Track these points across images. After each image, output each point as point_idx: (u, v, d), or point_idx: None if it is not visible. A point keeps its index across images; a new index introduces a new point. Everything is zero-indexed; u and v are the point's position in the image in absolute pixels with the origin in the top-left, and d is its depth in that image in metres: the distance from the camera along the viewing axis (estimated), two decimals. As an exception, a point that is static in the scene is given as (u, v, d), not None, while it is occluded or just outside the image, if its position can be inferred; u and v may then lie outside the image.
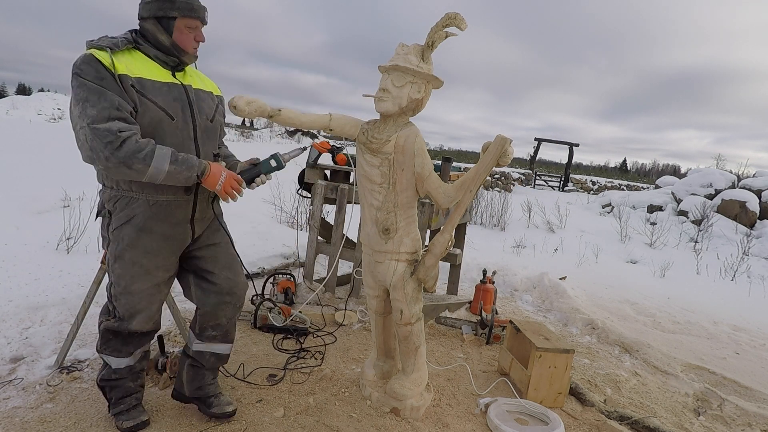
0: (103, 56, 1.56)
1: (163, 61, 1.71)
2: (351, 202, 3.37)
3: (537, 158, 23.36)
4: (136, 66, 1.63)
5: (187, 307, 3.16)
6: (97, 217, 1.79)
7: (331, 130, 2.01)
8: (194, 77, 1.85)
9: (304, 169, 3.69)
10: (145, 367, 1.97)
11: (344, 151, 3.44)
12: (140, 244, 1.71)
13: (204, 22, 1.75)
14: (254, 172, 1.83)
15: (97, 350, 1.86)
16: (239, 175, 1.76)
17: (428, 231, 3.46)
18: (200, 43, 1.77)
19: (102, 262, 2.22)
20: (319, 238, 3.74)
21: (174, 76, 1.74)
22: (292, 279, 3.43)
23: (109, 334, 1.81)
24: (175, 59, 1.73)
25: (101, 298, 2.95)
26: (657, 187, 13.22)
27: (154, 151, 1.55)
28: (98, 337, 1.85)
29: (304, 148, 2.10)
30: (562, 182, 20.96)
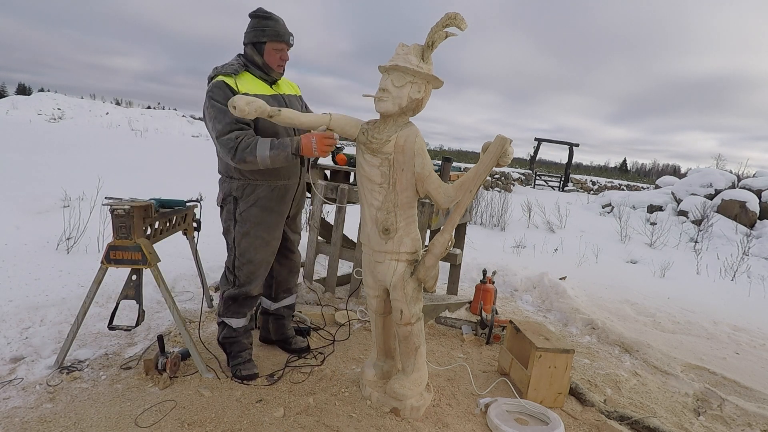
0: (230, 81, 2.04)
1: (264, 79, 2.20)
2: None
3: (537, 158, 23.34)
4: (250, 85, 2.11)
5: (187, 307, 3.16)
6: (222, 204, 2.24)
7: (331, 130, 2.01)
8: (284, 85, 2.36)
9: (304, 169, 3.68)
10: (253, 327, 2.64)
11: (344, 151, 3.44)
12: (263, 221, 2.22)
13: (289, 45, 2.20)
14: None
15: (219, 315, 2.34)
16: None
17: (428, 231, 3.46)
18: (285, 61, 2.23)
19: (102, 263, 2.22)
20: (319, 238, 3.74)
21: (272, 88, 2.23)
22: (292, 279, 3.42)
23: (230, 300, 2.29)
24: (271, 76, 2.21)
25: (101, 297, 2.97)
26: (657, 187, 13.22)
27: (256, 144, 1.97)
28: (220, 305, 2.33)
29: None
30: (562, 182, 20.95)
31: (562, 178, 21.19)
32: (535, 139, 22.56)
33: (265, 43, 2.13)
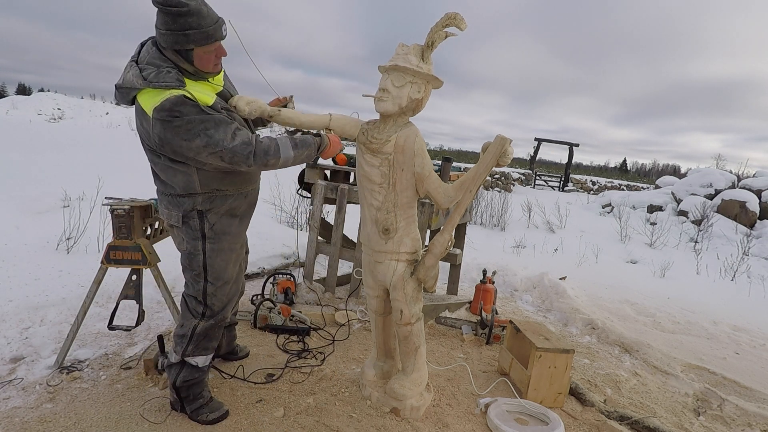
0: (187, 92, 1.65)
1: (202, 79, 1.79)
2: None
3: (537, 158, 23.34)
4: (197, 90, 1.70)
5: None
6: (180, 223, 1.84)
7: (330, 130, 2.01)
8: (219, 77, 1.92)
9: (304, 169, 3.69)
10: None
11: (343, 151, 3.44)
12: (235, 231, 1.95)
13: (222, 38, 1.74)
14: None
15: (182, 356, 1.92)
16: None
17: (428, 231, 3.46)
18: (222, 56, 1.79)
19: (102, 263, 2.22)
20: (319, 238, 3.74)
21: (209, 82, 1.82)
22: (292, 279, 3.43)
23: (202, 336, 1.92)
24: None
25: (101, 298, 2.97)
26: (657, 187, 13.22)
27: (278, 146, 1.80)
28: (182, 345, 1.91)
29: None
30: (562, 182, 20.95)
31: (562, 178, 21.19)
32: (535, 139, 22.55)
33: (192, 49, 1.68)
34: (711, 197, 9.81)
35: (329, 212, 5.34)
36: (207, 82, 1.80)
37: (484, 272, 3.71)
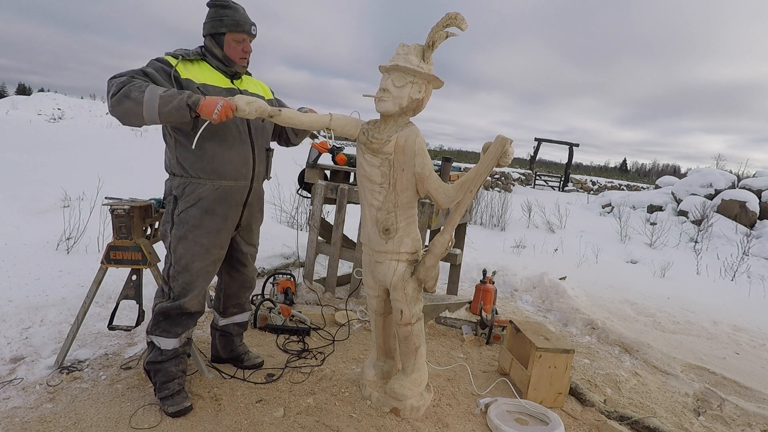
0: (171, 60, 1.91)
1: (223, 71, 2.03)
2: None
3: (537, 158, 23.33)
4: (202, 74, 1.96)
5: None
6: (162, 204, 2.07)
7: (331, 130, 2.01)
8: (250, 84, 2.18)
9: (304, 169, 3.69)
10: (188, 353, 2.14)
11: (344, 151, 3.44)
12: (203, 225, 1.98)
13: (251, 35, 2.02)
14: None
15: (147, 332, 2.03)
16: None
17: (428, 231, 3.46)
18: (248, 53, 2.05)
19: (102, 263, 2.22)
20: (319, 238, 3.74)
21: (233, 83, 2.05)
22: (292, 279, 3.43)
23: (161, 316, 2.00)
24: (232, 69, 2.04)
25: (101, 298, 2.97)
26: (657, 187, 13.22)
27: (149, 85, 1.74)
28: (150, 320, 2.03)
29: None
30: (562, 182, 20.95)
31: (562, 178, 21.19)
32: (535, 139, 22.55)
33: (224, 34, 1.96)
34: (711, 197, 9.81)
35: (329, 212, 5.34)
36: (221, 74, 2.01)
37: (484, 272, 3.71)
